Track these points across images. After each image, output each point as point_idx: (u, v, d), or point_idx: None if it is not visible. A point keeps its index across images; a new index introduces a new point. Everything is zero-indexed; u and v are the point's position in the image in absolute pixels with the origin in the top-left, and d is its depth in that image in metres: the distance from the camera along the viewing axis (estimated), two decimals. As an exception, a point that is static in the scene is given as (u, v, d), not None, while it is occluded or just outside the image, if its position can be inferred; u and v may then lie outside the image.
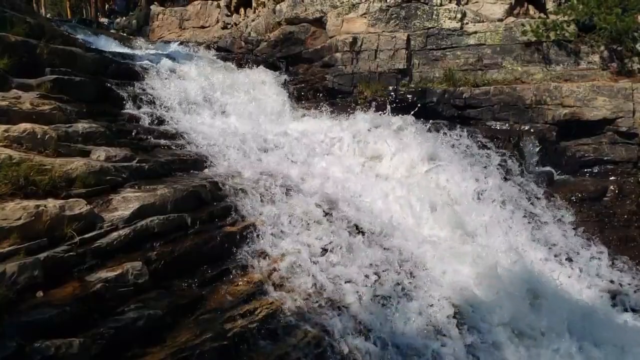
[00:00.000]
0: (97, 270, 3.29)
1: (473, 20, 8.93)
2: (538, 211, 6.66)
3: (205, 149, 5.82)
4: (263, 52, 9.91)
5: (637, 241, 6.67)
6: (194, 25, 14.06)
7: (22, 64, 5.20)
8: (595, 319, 5.04)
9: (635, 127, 7.60)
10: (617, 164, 7.79)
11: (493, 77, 8.67)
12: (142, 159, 4.72)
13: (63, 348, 2.69)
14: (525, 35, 8.53)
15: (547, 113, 8.05)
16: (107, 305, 3.12)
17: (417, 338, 4.08)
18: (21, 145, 3.93)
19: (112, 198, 3.90)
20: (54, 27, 6.96)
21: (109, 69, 6.77)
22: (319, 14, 9.55)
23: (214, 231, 4.26)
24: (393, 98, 8.51)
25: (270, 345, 3.51)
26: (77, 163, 3.96)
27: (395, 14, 9.06)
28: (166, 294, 3.51)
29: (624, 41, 8.02)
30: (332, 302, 4.10)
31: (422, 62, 9.05)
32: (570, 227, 6.58)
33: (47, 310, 2.84)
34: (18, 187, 3.43)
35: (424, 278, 4.73)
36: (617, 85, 7.79)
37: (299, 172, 6.00)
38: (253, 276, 4.05)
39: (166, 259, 3.69)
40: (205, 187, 4.66)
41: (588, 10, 8.21)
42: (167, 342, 3.16)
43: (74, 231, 3.34)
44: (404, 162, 6.76)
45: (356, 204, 5.62)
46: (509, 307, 4.58)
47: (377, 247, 4.96)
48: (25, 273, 2.92)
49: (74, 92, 5.42)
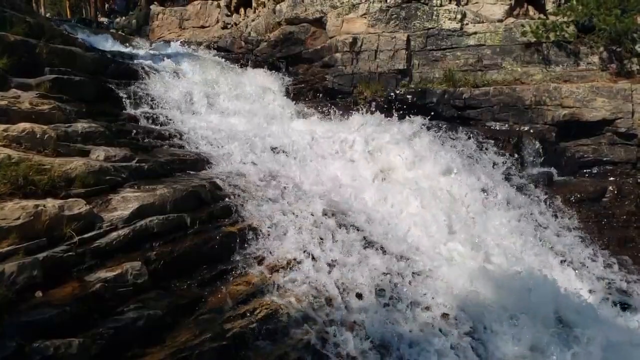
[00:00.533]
0: (96, 270, 3.29)
1: (473, 21, 8.93)
2: (549, 223, 6.60)
3: (205, 149, 5.82)
4: (263, 52, 9.91)
5: (636, 241, 6.67)
6: (193, 25, 14.05)
7: (22, 63, 5.20)
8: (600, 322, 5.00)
9: (634, 128, 7.61)
10: (616, 164, 7.82)
11: (493, 78, 8.68)
12: (141, 159, 4.72)
13: (62, 348, 2.69)
14: (525, 36, 8.54)
15: (547, 114, 8.06)
16: (106, 305, 3.12)
17: (419, 341, 4.07)
18: (20, 145, 3.92)
19: (111, 198, 3.90)
20: (54, 27, 6.94)
21: (108, 69, 6.78)
22: (319, 14, 9.55)
23: (214, 231, 4.25)
24: (393, 98, 8.52)
25: (269, 346, 3.51)
26: (76, 163, 3.96)
27: (395, 15, 9.06)
28: (166, 294, 3.51)
29: (623, 42, 8.03)
30: (331, 302, 4.10)
31: (422, 62, 9.05)
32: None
33: (47, 310, 2.84)
34: (17, 187, 3.43)
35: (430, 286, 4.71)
36: (616, 86, 7.80)
37: (299, 172, 6.00)
38: (253, 277, 4.05)
39: (166, 259, 3.69)
40: (204, 187, 4.66)
41: (587, 11, 8.22)
42: (166, 342, 3.16)
43: (73, 231, 3.34)
44: (420, 173, 6.59)
45: (357, 207, 5.62)
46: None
47: (389, 255, 4.92)
48: (25, 273, 2.92)
49: (73, 91, 5.42)
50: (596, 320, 4.93)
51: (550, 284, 5.08)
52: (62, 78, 5.43)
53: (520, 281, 4.98)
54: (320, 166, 6.46)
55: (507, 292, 4.75)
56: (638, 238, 6.71)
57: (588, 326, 4.68)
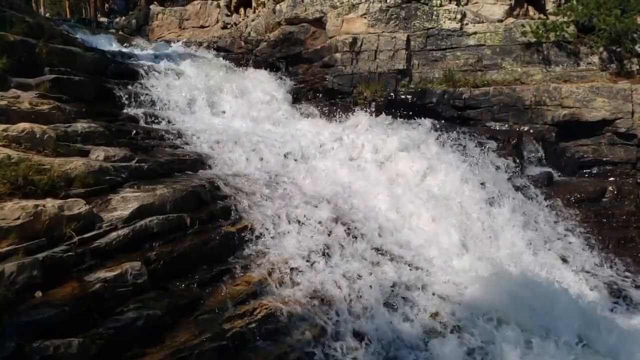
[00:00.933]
0: (96, 270, 3.28)
1: (473, 21, 8.93)
2: (550, 223, 6.55)
3: (205, 149, 5.82)
4: (263, 52, 9.91)
5: (636, 241, 6.66)
6: (193, 25, 14.04)
7: (21, 63, 5.20)
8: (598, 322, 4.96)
9: (634, 128, 7.62)
10: (615, 164, 7.82)
11: (493, 78, 8.68)
12: (141, 159, 4.72)
13: (62, 348, 2.68)
14: (525, 36, 8.54)
15: (547, 114, 8.06)
16: (106, 306, 3.12)
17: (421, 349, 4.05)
18: (20, 145, 3.92)
19: (111, 198, 3.90)
20: (53, 27, 6.94)
21: (108, 69, 6.78)
22: (319, 14, 9.55)
23: (214, 231, 4.25)
24: (393, 99, 8.51)
25: (269, 346, 3.51)
26: (76, 163, 3.96)
27: (395, 15, 9.06)
28: (165, 294, 3.51)
29: (623, 42, 8.04)
30: (330, 302, 4.09)
31: (421, 62, 9.05)
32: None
33: (46, 310, 2.83)
34: (17, 187, 3.42)
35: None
36: (616, 86, 7.80)
37: (299, 172, 6.00)
38: (252, 276, 4.05)
39: (165, 259, 3.69)
40: (204, 187, 4.66)
41: (587, 12, 8.22)
42: (166, 342, 3.16)
43: (72, 231, 3.33)
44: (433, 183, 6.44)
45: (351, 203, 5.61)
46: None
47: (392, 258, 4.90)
48: (24, 273, 2.92)
49: (73, 91, 5.42)
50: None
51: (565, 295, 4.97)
52: (61, 78, 5.43)
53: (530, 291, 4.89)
54: (318, 163, 6.44)
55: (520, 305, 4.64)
56: (638, 238, 6.71)
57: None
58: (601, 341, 4.57)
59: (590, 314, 5.01)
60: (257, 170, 5.71)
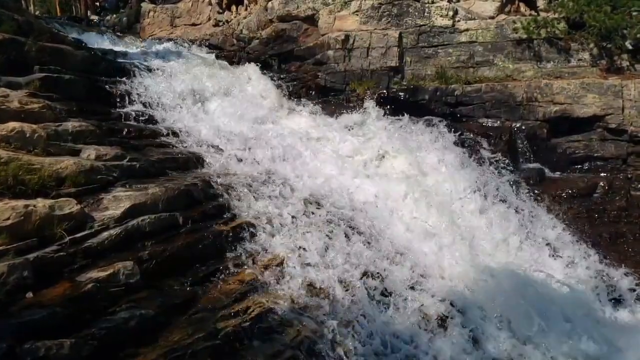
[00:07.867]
0: (88, 270, 3.25)
1: (465, 18, 8.95)
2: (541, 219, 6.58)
3: (197, 148, 5.79)
4: (255, 49, 9.87)
5: (627, 237, 6.74)
6: (185, 22, 13.96)
7: (10, 61, 5.15)
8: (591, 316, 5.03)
9: (625, 124, 7.68)
10: (606, 160, 7.88)
11: (485, 75, 8.71)
12: (133, 158, 4.68)
13: (54, 349, 2.66)
14: (516, 32, 8.58)
15: (538, 110, 8.11)
16: (98, 306, 3.09)
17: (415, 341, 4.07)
18: (9, 144, 3.87)
19: (102, 197, 3.86)
20: (43, 25, 6.86)
21: (99, 67, 6.71)
22: (311, 11, 9.52)
23: (207, 230, 4.24)
24: (385, 96, 8.52)
25: (263, 344, 3.50)
26: (67, 162, 3.92)
27: (387, 12, 9.06)
28: (158, 294, 3.48)
29: (614, 39, 8.09)
30: (325, 300, 4.10)
31: (414, 59, 9.06)
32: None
33: (38, 311, 2.80)
34: (6, 187, 3.38)
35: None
36: (606, 82, 7.86)
37: (292, 169, 6.00)
38: (245, 275, 4.04)
39: (158, 258, 3.67)
40: (197, 185, 4.64)
41: (578, 8, 8.27)
42: (159, 342, 3.14)
43: (64, 231, 3.30)
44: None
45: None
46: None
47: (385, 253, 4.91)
48: (15, 274, 2.88)
49: (63, 90, 5.37)
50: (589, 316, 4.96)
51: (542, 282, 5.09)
52: (51, 76, 5.37)
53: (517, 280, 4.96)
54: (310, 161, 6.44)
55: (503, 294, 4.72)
56: (629, 233, 6.78)
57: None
58: (593, 334, 4.64)
59: (582, 307, 5.08)
60: (250, 168, 5.70)
